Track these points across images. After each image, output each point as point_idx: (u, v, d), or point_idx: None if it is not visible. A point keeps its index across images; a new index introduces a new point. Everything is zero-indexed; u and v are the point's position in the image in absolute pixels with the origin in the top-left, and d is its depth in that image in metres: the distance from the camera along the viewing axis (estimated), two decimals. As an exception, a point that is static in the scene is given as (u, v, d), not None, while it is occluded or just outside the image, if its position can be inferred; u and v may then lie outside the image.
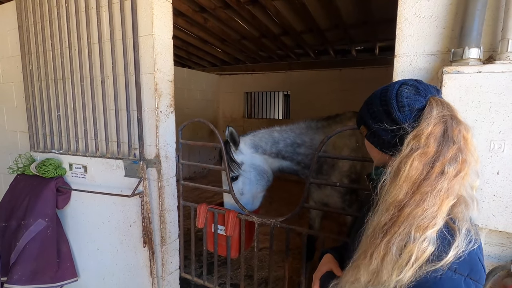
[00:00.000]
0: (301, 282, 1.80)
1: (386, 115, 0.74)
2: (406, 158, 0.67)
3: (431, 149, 0.65)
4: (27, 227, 2.02)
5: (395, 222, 0.65)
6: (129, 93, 1.87)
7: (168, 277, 2.06)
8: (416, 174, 0.65)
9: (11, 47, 2.45)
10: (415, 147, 0.66)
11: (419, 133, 0.67)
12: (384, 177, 0.71)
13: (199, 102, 6.61)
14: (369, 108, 0.79)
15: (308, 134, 2.04)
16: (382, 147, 0.77)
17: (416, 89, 0.73)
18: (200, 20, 3.88)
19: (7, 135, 2.68)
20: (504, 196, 1.01)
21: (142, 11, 1.77)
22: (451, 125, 0.67)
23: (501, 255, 1.13)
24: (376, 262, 0.65)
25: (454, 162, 0.65)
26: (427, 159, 0.65)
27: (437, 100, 0.70)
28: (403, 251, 0.63)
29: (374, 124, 0.77)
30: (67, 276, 2.20)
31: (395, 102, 0.73)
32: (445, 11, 1.15)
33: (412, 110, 0.71)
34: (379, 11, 3.31)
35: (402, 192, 0.65)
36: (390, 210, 0.66)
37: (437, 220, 0.62)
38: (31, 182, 2.16)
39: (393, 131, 0.72)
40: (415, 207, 0.63)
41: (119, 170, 1.97)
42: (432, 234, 0.62)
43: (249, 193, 2.01)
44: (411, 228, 0.63)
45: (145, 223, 1.90)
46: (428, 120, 0.67)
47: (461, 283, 0.62)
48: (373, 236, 0.68)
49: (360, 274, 0.68)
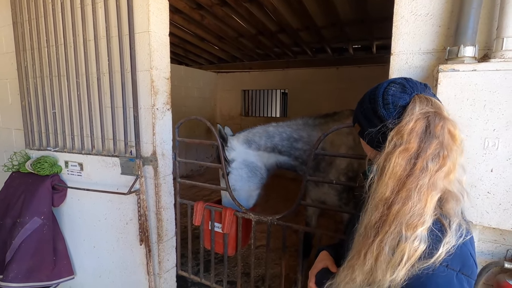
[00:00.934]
0: (298, 279, 1.81)
1: (373, 112, 0.76)
2: (390, 155, 0.68)
3: (413, 145, 0.66)
4: (23, 225, 2.00)
5: (385, 220, 0.66)
6: (125, 91, 1.86)
7: (165, 274, 2.06)
8: (400, 171, 0.66)
9: (6, 44, 2.43)
10: (398, 143, 0.67)
11: (400, 130, 0.68)
12: (371, 175, 0.72)
13: (196, 100, 6.59)
14: (361, 106, 0.81)
15: (305, 130, 2.04)
16: (372, 144, 0.79)
17: (403, 87, 0.74)
18: (197, 17, 3.86)
19: (2, 133, 2.66)
20: (497, 194, 1.02)
21: (138, 7, 1.76)
22: (434, 121, 0.67)
23: (495, 251, 1.15)
24: (370, 262, 0.66)
25: (436, 158, 0.65)
26: (409, 155, 0.66)
27: (422, 97, 0.71)
28: (395, 250, 0.64)
29: (365, 122, 0.78)
30: (63, 274, 2.20)
31: (381, 100, 0.74)
32: (441, 10, 1.16)
33: (396, 107, 0.72)
34: (375, 9, 3.32)
35: (388, 189, 0.66)
36: (379, 208, 0.67)
37: (425, 217, 0.63)
38: (27, 180, 2.15)
39: (379, 128, 0.74)
40: (402, 205, 0.64)
41: (116, 167, 1.97)
42: (422, 232, 0.63)
43: (241, 190, 2.00)
44: (402, 227, 0.63)
45: (141, 221, 1.90)
46: (409, 117, 0.68)
47: (453, 278, 0.63)
48: (366, 235, 0.69)
49: (355, 274, 0.69)
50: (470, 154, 1.03)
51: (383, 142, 0.71)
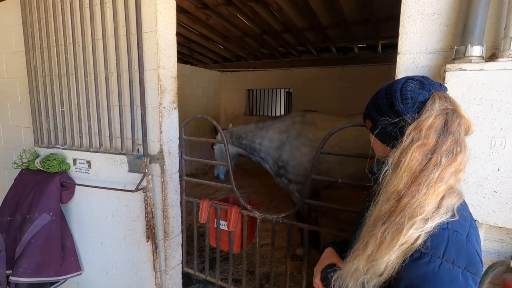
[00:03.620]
0: (303, 277, 1.82)
1: (390, 107, 0.76)
2: (407, 149, 0.69)
3: (431, 141, 0.67)
4: (32, 221, 2.04)
5: (393, 212, 0.68)
6: (133, 89, 1.88)
7: (170, 271, 2.09)
8: (415, 165, 0.67)
9: (15, 43, 2.47)
10: (415, 138, 0.68)
11: (419, 125, 0.69)
12: (386, 167, 0.73)
13: (201, 99, 6.62)
14: (375, 102, 0.82)
15: (253, 131, 2.83)
16: (385, 139, 0.79)
17: (421, 84, 0.75)
18: (203, 17, 3.88)
19: (11, 131, 2.70)
20: (504, 193, 1.02)
21: (146, 7, 1.78)
22: (452, 118, 0.69)
23: (501, 250, 1.15)
24: (372, 249, 0.68)
25: (450, 154, 0.67)
26: (427, 150, 0.67)
27: (440, 95, 0.72)
28: (395, 238, 0.66)
29: (379, 117, 0.79)
30: (71, 270, 2.23)
31: (399, 95, 0.75)
32: (448, 9, 1.16)
33: (415, 102, 0.73)
34: (381, 9, 3.31)
35: (402, 183, 0.68)
36: (390, 200, 0.69)
37: (426, 208, 0.65)
38: (36, 177, 2.18)
39: (396, 123, 0.75)
40: (411, 198, 0.66)
41: (123, 165, 1.99)
42: (420, 221, 0.65)
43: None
44: (405, 218, 0.65)
45: (148, 218, 1.92)
46: (429, 112, 0.69)
47: (459, 275, 0.64)
48: (373, 226, 0.70)
49: (359, 263, 0.71)
50: (477, 153, 1.04)
51: (399, 137, 0.72)
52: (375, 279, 0.68)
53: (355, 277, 0.72)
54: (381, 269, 0.67)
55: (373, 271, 0.68)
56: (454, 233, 0.66)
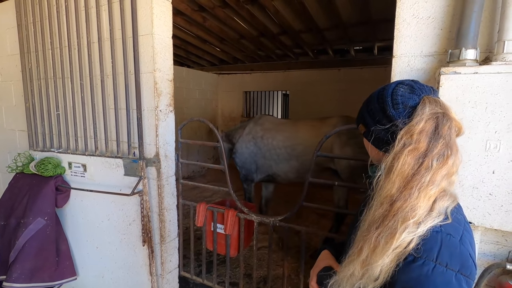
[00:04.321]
0: (300, 280, 1.82)
1: (382, 112, 0.77)
2: (399, 154, 0.69)
3: (422, 145, 0.68)
4: (27, 225, 2.02)
5: (387, 216, 0.68)
6: (129, 92, 1.87)
7: (167, 275, 2.07)
8: (407, 169, 0.68)
9: (10, 46, 2.45)
10: (407, 143, 0.69)
11: (411, 129, 0.69)
12: (379, 172, 0.73)
13: (198, 101, 6.61)
14: (368, 106, 0.82)
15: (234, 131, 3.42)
16: (378, 144, 0.79)
17: (411, 88, 0.75)
18: (199, 19, 3.88)
19: (6, 134, 2.68)
20: (499, 195, 1.03)
21: (142, 10, 1.77)
22: (442, 121, 0.69)
23: (497, 253, 1.15)
24: (366, 253, 0.68)
25: (441, 157, 0.68)
26: (418, 155, 0.68)
27: (431, 99, 0.72)
28: (388, 242, 0.66)
29: (371, 122, 0.79)
30: (66, 275, 2.21)
31: (390, 100, 0.75)
32: (442, 13, 1.17)
33: (406, 107, 0.73)
34: (378, 11, 3.33)
35: (395, 187, 0.68)
36: (383, 204, 0.69)
37: (418, 211, 0.65)
38: (31, 181, 2.16)
39: (388, 128, 0.75)
40: (403, 202, 0.66)
41: (119, 169, 1.98)
42: (413, 225, 0.65)
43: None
44: (398, 222, 0.66)
45: (144, 222, 1.91)
46: (420, 117, 0.69)
47: (452, 278, 0.64)
48: (367, 231, 0.71)
49: (354, 268, 0.71)
50: (472, 156, 1.04)
51: (391, 142, 0.73)
52: (371, 284, 0.68)
53: (351, 282, 0.71)
54: (376, 273, 0.67)
55: (368, 276, 0.68)
56: (447, 236, 0.66)
